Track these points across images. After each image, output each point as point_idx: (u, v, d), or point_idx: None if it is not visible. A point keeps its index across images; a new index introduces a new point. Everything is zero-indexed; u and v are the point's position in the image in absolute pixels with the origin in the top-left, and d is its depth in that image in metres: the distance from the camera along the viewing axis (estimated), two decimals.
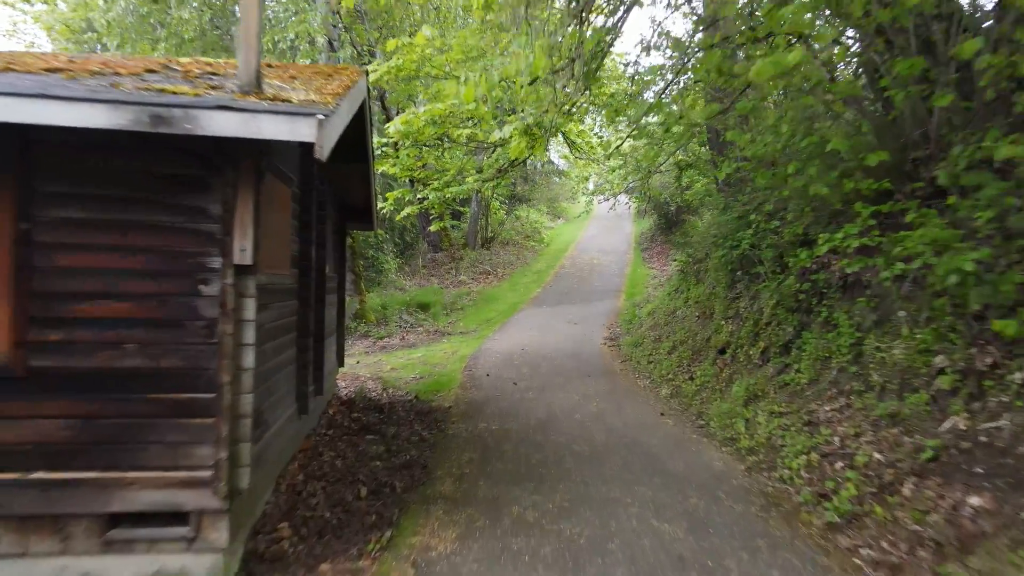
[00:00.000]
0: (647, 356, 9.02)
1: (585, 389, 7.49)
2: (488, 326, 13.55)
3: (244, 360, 3.11)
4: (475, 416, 6.40)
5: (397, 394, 7.81)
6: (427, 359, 10.27)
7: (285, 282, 4.27)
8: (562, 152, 27.36)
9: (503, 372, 8.68)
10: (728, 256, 7.55)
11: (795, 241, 6.69)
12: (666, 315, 10.37)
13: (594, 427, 5.83)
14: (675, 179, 12.60)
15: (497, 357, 9.86)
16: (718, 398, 6.26)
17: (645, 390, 7.46)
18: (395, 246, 21.04)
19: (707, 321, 8.48)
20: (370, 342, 13.05)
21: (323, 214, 5.62)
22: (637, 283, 17.39)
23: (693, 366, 7.57)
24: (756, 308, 7.06)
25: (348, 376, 9.13)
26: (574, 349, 10.35)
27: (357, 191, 7.03)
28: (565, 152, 26.93)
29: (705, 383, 6.82)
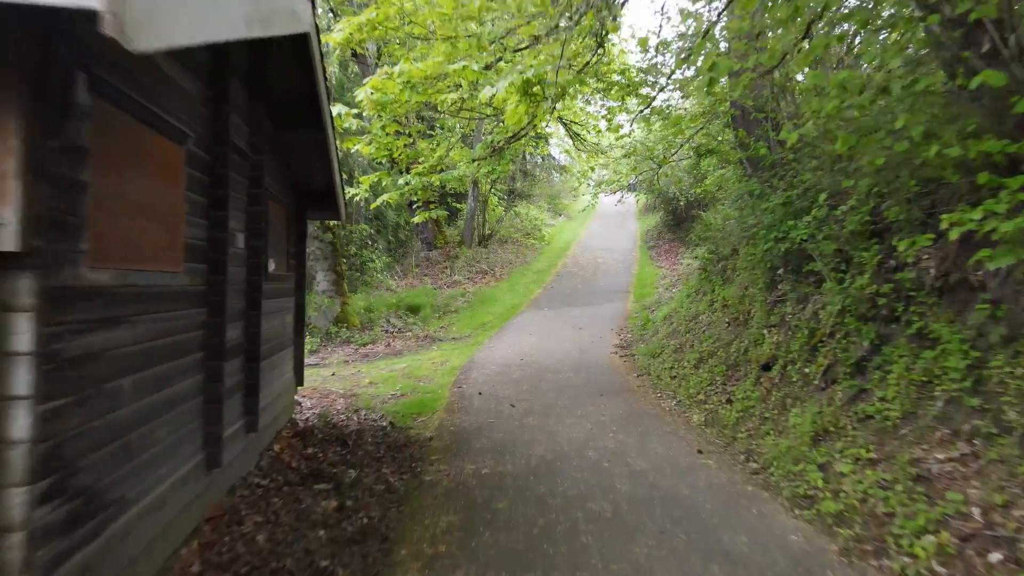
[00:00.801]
0: (668, 369, 7.65)
1: (598, 413, 6.13)
2: (484, 331, 12.20)
3: (7, 426, 1.74)
4: (461, 452, 5.04)
5: (370, 418, 6.45)
6: (412, 371, 8.91)
7: (171, 283, 2.92)
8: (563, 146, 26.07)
9: (498, 389, 7.32)
10: (774, 250, 6.19)
11: (863, 231, 5.34)
12: (686, 320, 9.02)
13: (614, 470, 4.47)
14: (692, 167, 11.24)
15: (492, 369, 8.50)
16: (771, 430, 4.90)
17: (671, 415, 6.10)
18: (387, 244, 19.72)
19: (741, 329, 7.13)
20: (351, 349, 11.70)
21: (259, 193, 4.26)
22: (645, 283, 16.06)
23: (729, 385, 6.21)
24: (810, 314, 5.70)
25: (316, 393, 7.78)
26: (581, 359, 8.99)
27: (317, 170, 5.67)
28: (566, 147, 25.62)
29: (749, 408, 5.46)
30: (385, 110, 6.63)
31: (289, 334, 5.85)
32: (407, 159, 7.41)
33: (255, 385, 4.23)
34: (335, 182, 5.71)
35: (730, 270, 8.66)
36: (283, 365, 5.52)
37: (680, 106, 11.07)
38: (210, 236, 3.41)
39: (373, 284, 16.15)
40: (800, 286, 6.21)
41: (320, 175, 5.73)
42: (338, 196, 5.98)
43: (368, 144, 7.07)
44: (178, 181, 2.96)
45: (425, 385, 7.92)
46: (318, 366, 10.36)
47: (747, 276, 7.62)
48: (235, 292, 3.91)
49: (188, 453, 3.22)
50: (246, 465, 4.26)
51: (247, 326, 4.20)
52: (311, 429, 5.72)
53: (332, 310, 12.46)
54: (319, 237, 12.53)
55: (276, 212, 5.25)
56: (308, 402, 7.25)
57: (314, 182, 5.94)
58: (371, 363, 10.21)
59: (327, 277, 12.66)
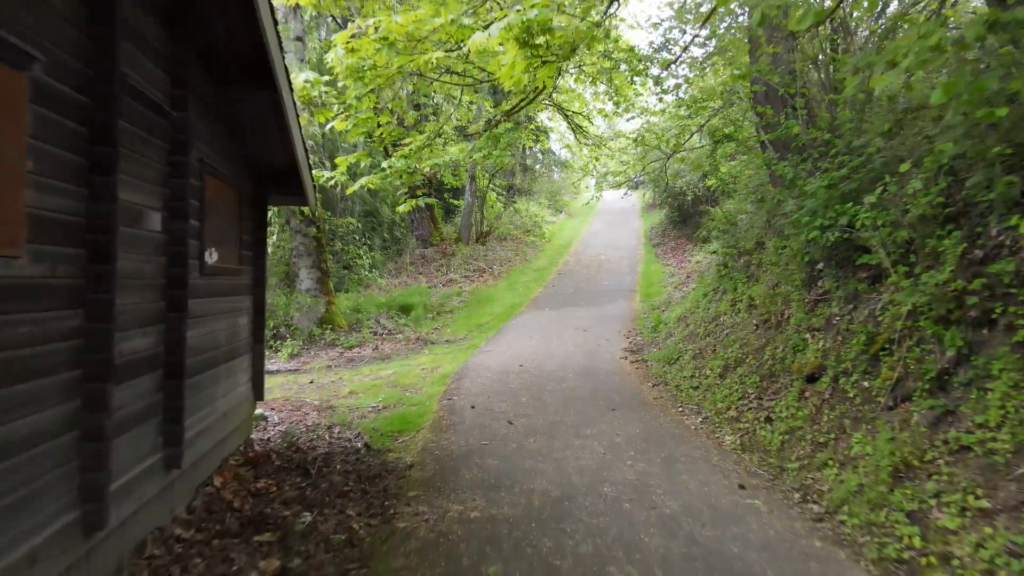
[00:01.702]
0: (689, 378, 6.71)
1: (611, 432, 5.18)
2: (480, 333, 11.25)
3: None
4: (446, 486, 4.09)
5: (343, 437, 5.50)
6: (398, 378, 7.97)
7: (2, 273, 1.98)
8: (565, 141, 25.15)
9: (494, 402, 6.37)
10: (819, 240, 5.24)
11: (935, 215, 4.40)
12: (705, 322, 8.08)
13: (637, 515, 3.53)
14: (708, 154, 10.29)
15: (488, 378, 7.55)
16: (830, 460, 3.95)
17: (698, 435, 5.15)
18: (383, 240, 18.80)
19: (773, 332, 6.19)
20: (336, 353, 10.75)
21: (183, 163, 3.32)
22: (652, 281, 15.13)
23: (766, 398, 5.26)
24: (866, 316, 4.76)
25: (288, 404, 6.84)
26: (587, 366, 8.04)
27: (276, 144, 4.72)
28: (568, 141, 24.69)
29: (795, 430, 4.52)
30: (363, 79, 5.69)
31: (244, 340, 4.91)
32: (390, 138, 6.46)
33: (178, 409, 3.28)
34: (297, 158, 4.76)
35: (755, 266, 7.73)
36: (233, 378, 4.57)
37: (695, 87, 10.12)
38: (89, 210, 2.46)
39: (364, 282, 15.21)
40: (848, 282, 5.27)
41: (280, 150, 4.78)
42: (303, 176, 5.03)
43: (345, 119, 6.12)
44: (14, 123, 2.01)
45: (411, 396, 6.98)
46: (297, 372, 9.42)
47: (778, 272, 6.68)
48: (141, 289, 2.97)
49: (52, 512, 2.27)
50: (165, 512, 3.31)
51: (167, 333, 3.26)
52: (269, 453, 4.78)
53: (316, 310, 11.52)
54: (302, 231, 11.58)
55: (222, 192, 4.31)
56: (276, 416, 6.31)
57: (275, 159, 5.00)
58: (355, 369, 9.26)
59: (311, 275, 11.71)
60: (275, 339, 10.95)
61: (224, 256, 4.34)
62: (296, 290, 11.61)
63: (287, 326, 11.23)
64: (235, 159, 4.64)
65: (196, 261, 3.73)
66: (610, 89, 11.86)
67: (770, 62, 7.76)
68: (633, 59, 10.58)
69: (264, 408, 6.66)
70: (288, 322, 11.31)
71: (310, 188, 5.36)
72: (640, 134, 10.40)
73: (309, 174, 5.25)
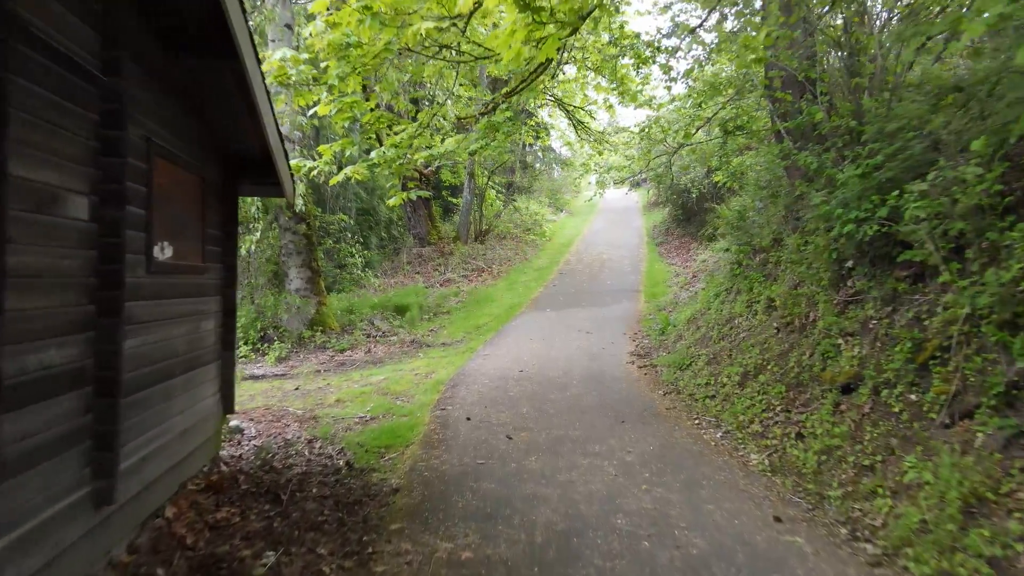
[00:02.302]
0: (704, 386, 6.17)
1: (622, 449, 4.64)
2: (478, 335, 10.71)
3: None
4: (435, 516, 3.55)
5: (324, 453, 4.96)
6: (389, 385, 7.42)
7: None
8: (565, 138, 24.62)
9: (491, 412, 5.83)
10: (856, 235, 4.69)
11: (992, 205, 3.86)
12: (718, 324, 7.53)
13: (659, 556, 2.99)
14: (718, 147, 9.74)
15: (485, 385, 7.01)
16: (880, 488, 3.41)
17: (720, 453, 4.60)
18: (380, 240, 18.28)
19: (797, 336, 5.65)
20: (327, 356, 10.21)
21: (119, 138, 2.78)
22: (657, 281, 14.59)
23: (794, 411, 4.71)
24: (910, 320, 4.22)
25: (269, 414, 6.30)
26: (592, 371, 7.50)
27: (246, 126, 4.17)
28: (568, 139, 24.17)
29: (833, 449, 3.98)
30: (347, 59, 5.15)
31: (210, 347, 4.36)
32: (379, 125, 5.92)
33: (110, 433, 2.74)
34: (269, 143, 4.22)
35: (772, 264, 7.19)
36: (195, 391, 4.03)
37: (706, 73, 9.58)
38: None
39: (359, 282, 14.67)
40: (886, 282, 4.73)
41: (251, 133, 4.23)
42: (277, 164, 4.48)
43: (329, 103, 5.57)
44: None
45: (402, 405, 6.43)
46: (284, 377, 8.89)
47: (800, 271, 6.15)
48: (56, 289, 2.42)
49: None
50: (96, 556, 2.77)
51: (98, 342, 2.72)
52: (236, 475, 4.23)
53: (306, 312, 10.97)
54: (292, 228, 11.03)
55: (179, 178, 3.77)
56: (253, 428, 5.77)
57: (246, 144, 4.45)
58: (345, 374, 8.72)
59: (301, 274, 11.16)
60: (262, 342, 10.42)
61: (182, 252, 3.80)
62: (285, 290, 11.06)
63: (275, 328, 10.69)
64: (197, 142, 4.09)
65: (141, 257, 3.18)
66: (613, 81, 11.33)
67: (788, 46, 7.25)
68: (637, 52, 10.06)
69: (242, 419, 6.12)
70: (276, 324, 10.77)
71: (287, 178, 4.81)
72: (647, 125, 9.83)
73: (285, 162, 4.71)
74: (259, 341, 10.43)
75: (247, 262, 10.91)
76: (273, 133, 4.27)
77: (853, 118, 6.15)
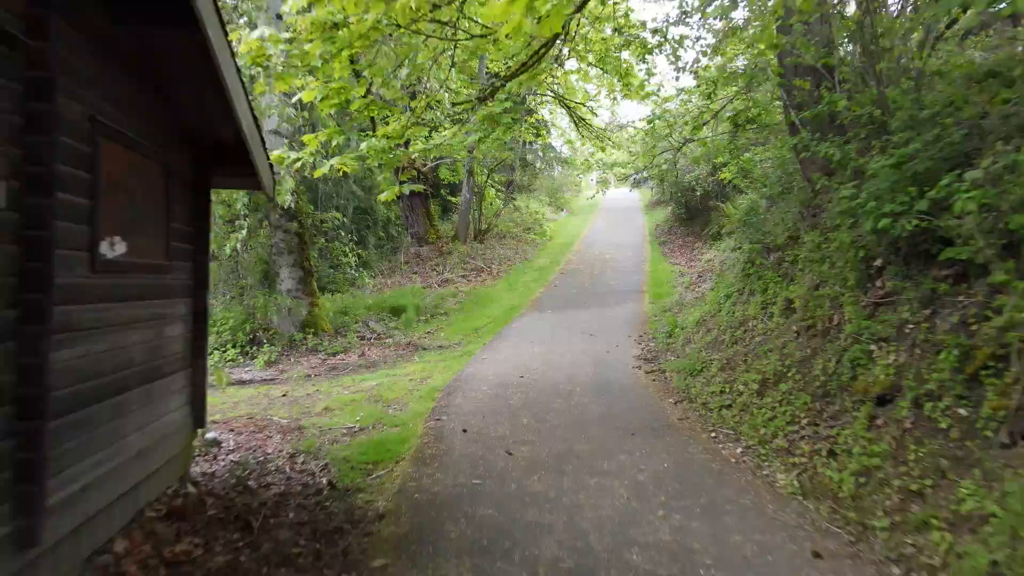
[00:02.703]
0: (718, 395, 5.73)
1: (633, 467, 4.21)
2: (476, 338, 10.28)
3: None
4: (424, 549, 3.12)
5: (306, 471, 4.53)
6: (382, 391, 6.99)
7: None
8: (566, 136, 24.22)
9: (490, 423, 5.40)
10: (892, 231, 4.26)
11: None
12: (730, 327, 7.10)
13: None
14: (729, 143, 9.31)
15: (483, 392, 6.57)
16: (934, 518, 2.97)
17: (742, 471, 4.17)
18: (378, 239, 17.87)
19: (820, 341, 5.21)
20: (318, 360, 9.78)
21: (46, 112, 2.36)
22: (661, 281, 14.17)
23: (823, 424, 4.28)
24: (955, 325, 3.79)
25: (252, 424, 5.87)
26: (597, 377, 7.07)
27: (215, 109, 3.74)
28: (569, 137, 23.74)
29: (872, 470, 3.54)
30: (333, 41, 4.72)
31: (177, 355, 3.93)
32: (369, 113, 5.49)
33: (34, 462, 2.30)
34: (241, 127, 3.78)
35: (788, 263, 6.75)
36: (156, 404, 3.60)
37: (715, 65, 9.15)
38: None
39: (356, 283, 14.23)
40: (923, 282, 4.30)
41: (221, 116, 3.80)
42: (251, 152, 4.04)
43: (314, 89, 5.14)
44: None
45: (394, 414, 6.01)
46: (272, 382, 8.46)
47: (821, 270, 5.72)
48: None
49: None
50: None
51: (18, 355, 2.29)
52: (205, 497, 3.80)
53: (297, 313, 10.54)
54: (283, 226, 10.60)
55: (135, 165, 3.34)
56: (232, 440, 5.34)
57: (216, 129, 4.02)
58: (336, 379, 8.30)
59: (292, 274, 10.73)
60: (252, 345, 9.99)
61: (140, 248, 3.37)
62: (276, 291, 10.63)
63: (265, 330, 10.26)
64: (160, 126, 3.67)
65: (83, 253, 2.75)
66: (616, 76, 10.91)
67: (803, 32, 6.83)
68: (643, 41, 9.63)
69: (222, 430, 5.70)
70: (266, 326, 10.34)
71: (265, 168, 4.38)
72: (654, 117, 9.40)
73: (263, 150, 4.27)
74: (248, 344, 10.01)
75: (235, 261, 10.47)
76: (246, 116, 3.84)
77: (876, 106, 5.75)
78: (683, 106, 10.79)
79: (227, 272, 10.59)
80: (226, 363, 9.42)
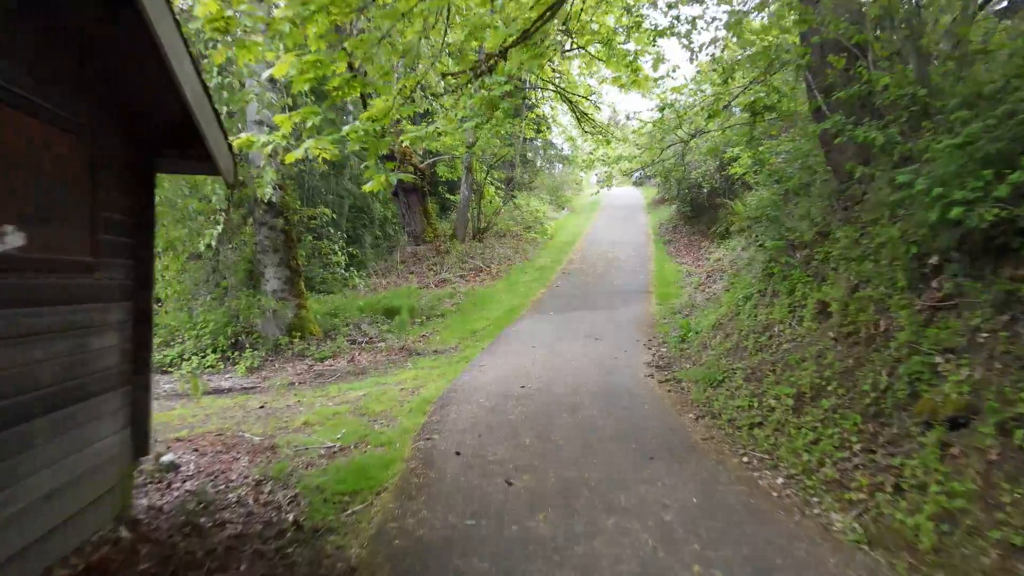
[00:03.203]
0: (746, 410, 5.07)
1: (657, 503, 3.55)
2: (474, 342, 9.62)
3: None
4: None
5: (272, 502, 3.87)
6: (369, 403, 6.34)
7: None
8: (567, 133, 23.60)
9: (487, 444, 4.74)
10: (973, 220, 3.60)
11: None
12: (753, 332, 6.44)
13: None
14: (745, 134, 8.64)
15: (480, 405, 5.92)
16: None
17: (788, 509, 3.50)
18: (374, 238, 17.25)
19: (864, 350, 4.55)
20: (305, 366, 9.13)
21: None
22: (668, 281, 13.51)
23: (883, 452, 3.62)
24: None
25: (219, 443, 5.23)
26: (606, 387, 6.41)
27: (152, 77, 3.08)
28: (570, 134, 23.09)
29: (955, 514, 2.88)
30: (306, 3, 4.07)
31: (109, 370, 3.27)
32: (350, 89, 4.82)
33: None
34: (185, 98, 3.12)
35: (818, 261, 6.10)
36: (77, 433, 2.94)
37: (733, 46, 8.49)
38: None
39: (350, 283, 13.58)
40: (995, 282, 3.65)
41: (162, 86, 3.13)
42: (202, 129, 3.38)
43: (287, 62, 4.48)
44: None
45: (380, 431, 5.35)
46: (252, 391, 7.81)
47: (860, 269, 5.06)
48: None
49: None
50: None
51: None
52: (139, 546, 3.14)
53: (283, 316, 9.89)
54: (268, 223, 9.95)
55: (46, 140, 2.68)
56: (194, 463, 4.68)
57: (163, 105, 3.36)
58: (321, 388, 7.64)
59: (278, 274, 10.08)
60: (234, 349, 9.34)
61: (52, 241, 2.71)
62: (260, 292, 9.97)
63: (248, 334, 9.60)
64: (86, 97, 3.01)
65: None
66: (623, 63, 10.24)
67: (832, 7, 6.20)
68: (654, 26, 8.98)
69: (184, 449, 5.05)
70: (250, 329, 9.68)
71: (221, 149, 3.72)
72: (664, 106, 8.72)
73: (217, 128, 3.61)
74: (230, 348, 9.35)
75: (216, 260, 9.81)
76: (191, 84, 3.18)
77: (920, 85, 5.11)
78: (693, 95, 10.15)
79: (208, 272, 9.93)
80: (204, 370, 8.77)
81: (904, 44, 5.87)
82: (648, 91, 10.65)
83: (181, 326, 9.64)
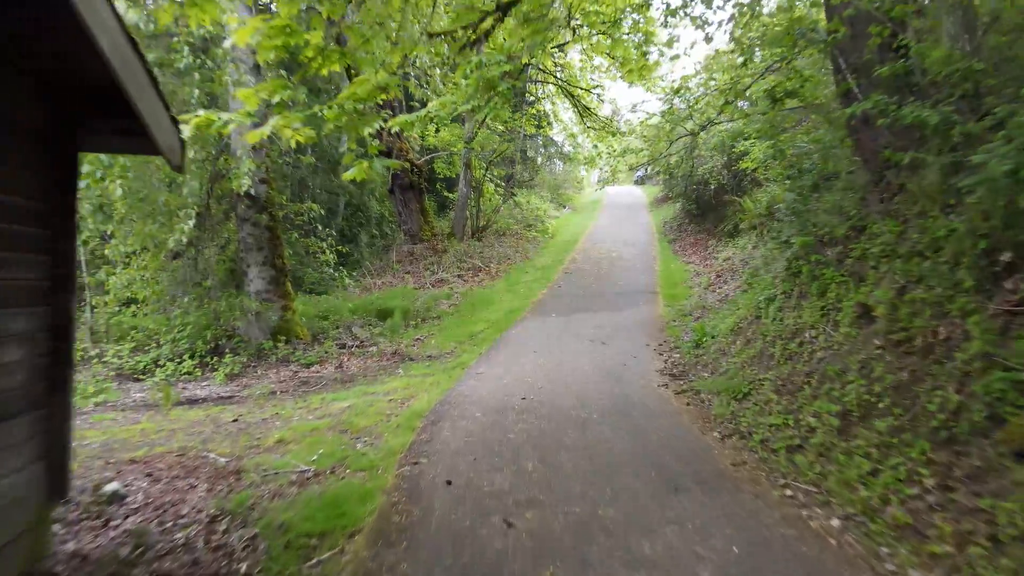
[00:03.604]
0: (780, 428, 4.42)
1: (689, 555, 2.90)
2: (472, 346, 8.98)
3: None
4: None
5: (224, 547, 3.23)
6: (352, 417, 5.69)
7: None
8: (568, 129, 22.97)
9: (484, 470, 4.09)
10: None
11: None
12: (780, 338, 5.79)
13: None
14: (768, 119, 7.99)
15: (476, 420, 5.27)
16: None
17: (853, 564, 2.83)
18: (371, 237, 16.65)
19: (922, 361, 3.90)
20: (289, 372, 8.50)
21: None
22: (675, 281, 12.90)
23: (962, 490, 2.97)
24: None
25: (178, 465, 4.59)
26: (616, 399, 5.77)
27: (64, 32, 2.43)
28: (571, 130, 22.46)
29: None
30: None
31: (13, 393, 2.63)
32: (327, 62, 4.19)
33: None
34: (101, 49, 2.48)
35: (855, 259, 5.45)
36: None
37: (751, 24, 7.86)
38: None
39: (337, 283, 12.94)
40: None
41: (75, 38, 2.49)
42: (130, 94, 2.73)
43: (249, 28, 3.85)
44: None
45: (362, 451, 4.71)
46: (229, 400, 7.18)
47: (909, 268, 4.42)
48: None
49: None
50: None
51: None
52: None
53: (268, 318, 9.24)
54: (251, 219, 9.32)
55: None
56: (144, 492, 4.04)
57: (84, 63, 2.72)
58: (303, 397, 7.00)
59: (262, 273, 9.45)
60: (213, 355, 8.69)
61: None
62: (243, 293, 9.33)
63: (229, 338, 8.96)
64: None
65: None
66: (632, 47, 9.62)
67: None
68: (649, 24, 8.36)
69: (136, 474, 4.41)
70: (231, 333, 9.04)
71: (160, 122, 3.06)
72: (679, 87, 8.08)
73: (154, 94, 2.96)
74: (209, 354, 8.70)
75: (194, 259, 9.16)
76: (114, 39, 2.53)
77: (975, 58, 4.49)
78: (705, 85, 9.53)
79: (187, 271, 9.28)
80: (180, 377, 8.12)
81: (951, 14, 5.23)
82: (653, 83, 10.04)
83: (158, 329, 9.00)
